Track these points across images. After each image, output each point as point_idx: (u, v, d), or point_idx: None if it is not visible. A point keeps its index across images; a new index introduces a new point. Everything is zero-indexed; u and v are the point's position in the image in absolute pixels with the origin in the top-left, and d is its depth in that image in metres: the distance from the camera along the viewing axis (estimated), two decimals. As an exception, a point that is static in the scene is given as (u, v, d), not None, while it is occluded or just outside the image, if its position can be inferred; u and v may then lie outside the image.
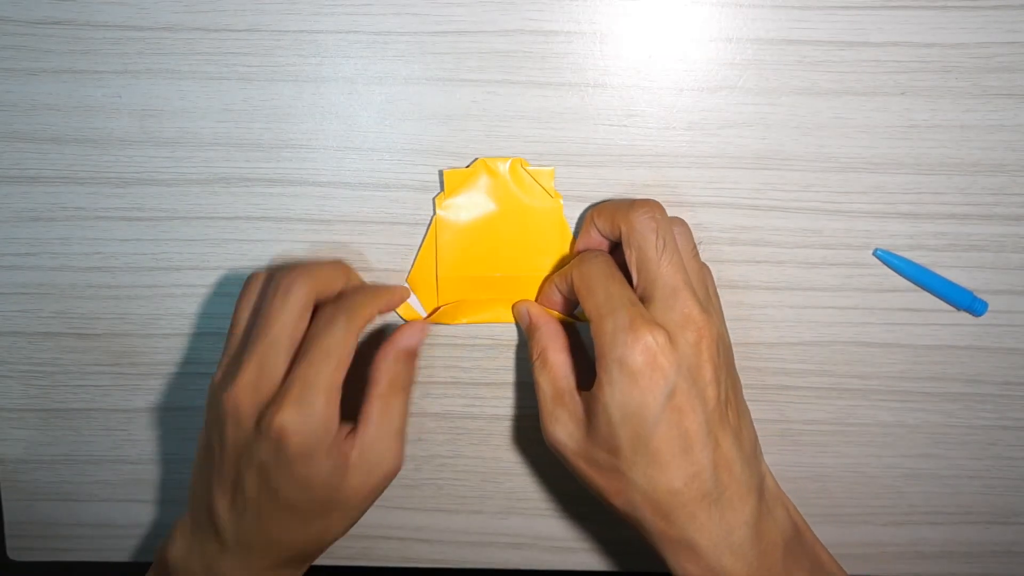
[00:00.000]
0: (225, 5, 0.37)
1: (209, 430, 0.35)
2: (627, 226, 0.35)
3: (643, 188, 0.38)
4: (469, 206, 0.39)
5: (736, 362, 0.40)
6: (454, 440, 0.42)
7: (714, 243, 0.39)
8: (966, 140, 0.38)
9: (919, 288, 0.40)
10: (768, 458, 0.42)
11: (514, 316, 0.39)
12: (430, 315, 0.40)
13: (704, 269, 0.37)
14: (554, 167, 0.38)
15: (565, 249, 0.39)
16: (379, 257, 0.39)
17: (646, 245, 0.34)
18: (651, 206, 0.35)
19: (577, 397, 0.35)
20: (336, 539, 0.36)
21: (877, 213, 0.39)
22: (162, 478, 0.43)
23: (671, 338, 0.32)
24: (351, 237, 0.39)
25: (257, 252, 0.40)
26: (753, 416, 0.42)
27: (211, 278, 0.40)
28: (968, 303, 0.39)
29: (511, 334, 0.41)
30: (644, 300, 0.34)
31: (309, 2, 0.37)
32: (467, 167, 0.38)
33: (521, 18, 0.37)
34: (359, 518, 0.36)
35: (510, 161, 0.38)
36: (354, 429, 0.35)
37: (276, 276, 0.35)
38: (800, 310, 0.40)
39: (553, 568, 0.44)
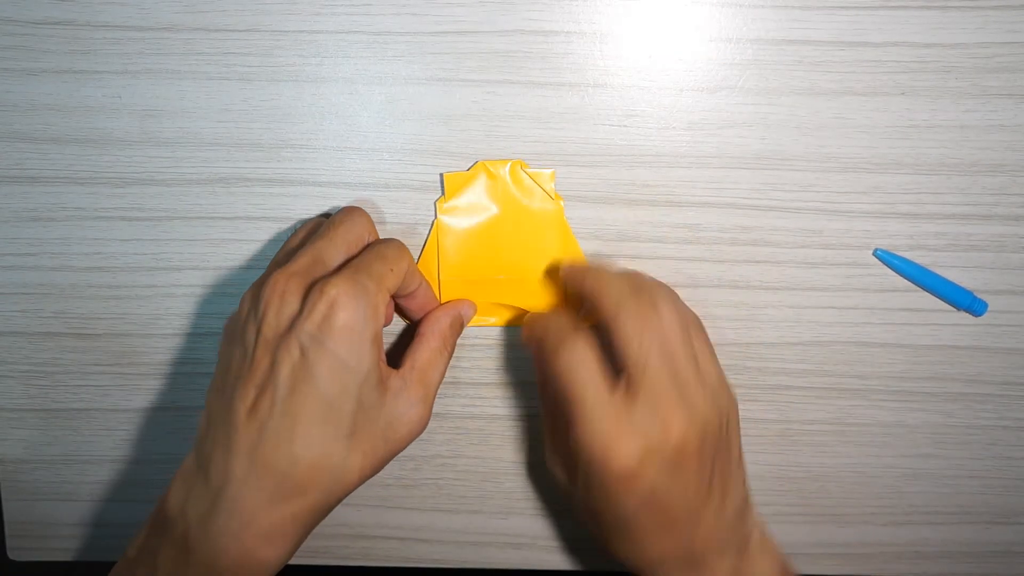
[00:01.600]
0: (225, 5, 0.37)
1: (239, 331, 0.33)
2: (611, 323, 0.33)
3: (643, 188, 0.39)
4: (470, 209, 0.39)
5: (736, 362, 0.41)
6: (454, 440, 0.42)
7: (714, 243, 0.39)
8: (966, 140, 0.38)
9: (919, 288, 0.40)
10: (768, 458, 0.42)
11: (523, 339, 0.38)
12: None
13: (693, 328, 0.34)
14: (554, 170, 0.38)
15: (567, 251, 0.39)
16: (379, 257, 0.39)
17: (630, 348, 0.32)
18: (639, 302, 0.33)
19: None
20: (348, 489, 0.33)
21: (877, 213, 0.39)
22: (162, 478, 0.43)
23: (647, 455, 0.31)
24: (351, 237, 0.39)
25: (257, 252, 0.40)
26: (753, 416, 0.42)
27: (211, 278, 0.40)
28: (968, 303, 0.39)
29: (511, 334, 0.41)
30: (629, 395, 0.32)
31: (309, 2, 0.37)
32: (467, 170, 0.38)
33: (521, 18, 0.37)
34: (376, 472, 0.34)
35: (510, 163, 0.38)
36: (396, 368, 0.35)
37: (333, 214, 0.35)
38: (800, 310, 0.40)
39: (553, 568, 0.44)
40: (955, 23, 0.37)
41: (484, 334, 0.40)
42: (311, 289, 0.32)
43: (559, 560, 0.43)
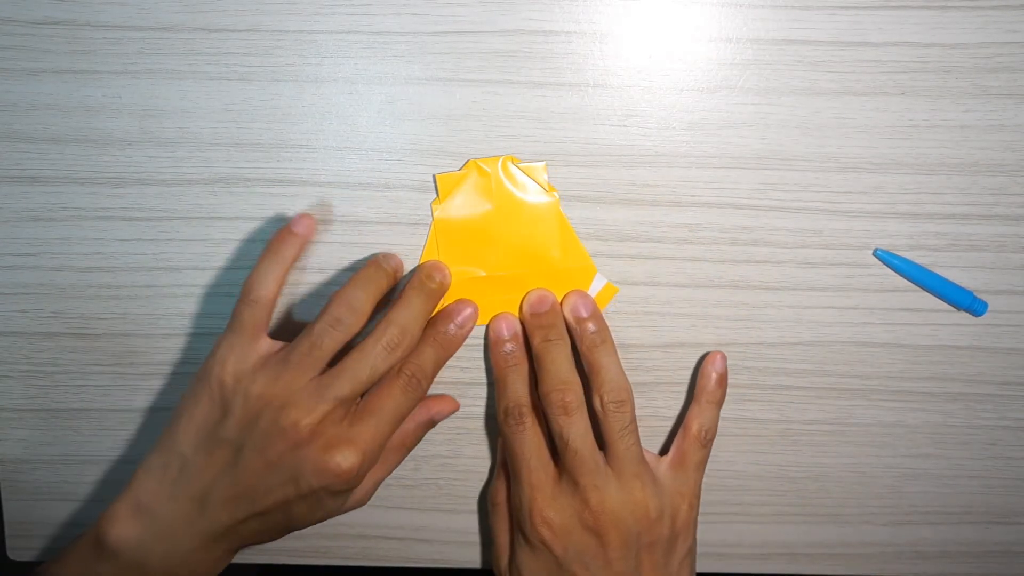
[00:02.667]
0: (225, 5, 0.37)
1: (236, 426, 0.35)
2: (544, 400, 0.38)
3: (643, 188, 0.39)
4: (465, 207, 0.39)
5: (736, 362, 0.41)
6: (454, 440, 0.42)
7: (714, 243, 0.39)
8: (966, 140, 0.38)
9: (919, 288, 0.40)
10: (768, 458, 0.42)
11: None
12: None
13: (622, 410, 0.38)
14: (545, 162, 0.38)
15: (565, 242, 0.39)
16: (379, 257, 0.39)
17: (555, 427, 0.37)
18: (556, 385, 0.37)
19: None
20: (270, 537, 0.37)
21: (877, 213, 0.39)
22: (162, 478, 0.43)
23: (564, 522, 0.37)
24: (351, 237, 0.39)
25: (257, 252, 0.39)
26: (753, 416, 0.42)
27: (211, 278, 0.40)
28: (968, 303, 0.39)
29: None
30: (560, 478, 0.38)
31: (309, 2, 0.37)
32: (459, 169, 0.38)
33: (521, 18, 0.37)
34: (298, 530, 0.37)
35: (501, 159, 0.38)
36: None
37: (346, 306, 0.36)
38: (800, 310, 0.40)
39: None
40: (955, 23, 0.37)
41: (484, 334, 0.40)
42: (335, 449, 0.34)
43: (559, 560, 0.43)
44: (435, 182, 0.38)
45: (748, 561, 0.43)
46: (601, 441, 0.38)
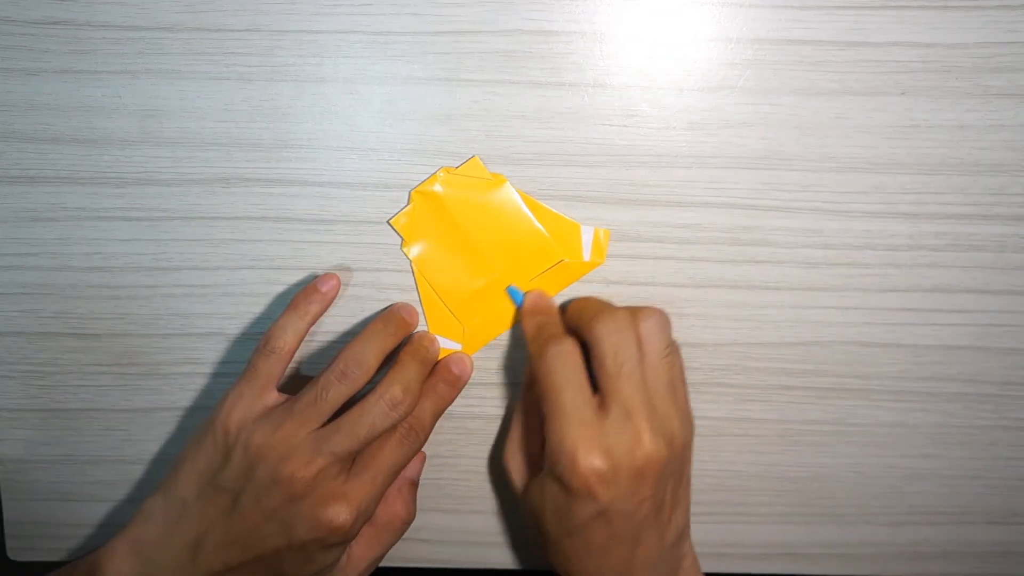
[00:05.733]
0: (225, 5, 0.37)
1: (235, 475, 0.35)
2: (590, 337, 0.34)
3: (643, 188, 0.38)
4: (433, 235, 0.39)
5: (736, 362, 0.41)
6: (454, 440, 0.42)
7: (714, 243, 0.39)
8: (966, 140, 0.38)
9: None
10: (768, 458, 0.42)
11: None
12: (464, 345, 0.40)
13: (672, 367, 0.35)
14: (475, 154, 0.38)
15: (540, 216, 0.39)
16: (378, 257, 0.39)
17: (606, 361, 0.34)
18: (616, 319, 0.34)
19: (539, 453, 0.37)
20: None
21: (877, 213, 0.39)
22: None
23: (613, 467, 0.33)
24: (351, 237, 0.39)
25: (257, 252, 0.40)
26: (753, 416, 0.42)
27: (211, 278, 0.40)
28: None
29: (511, 334, 0.41)
30: (602, 408, 0.33)
31: (309, 2, 0.37)
32: (405, 207, 0.38)
33: (521, 18, 0.37)
34: None
35: (437, 175, 0.38)
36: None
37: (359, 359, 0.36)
38: (800, 310, 0.40)
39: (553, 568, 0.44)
40: (955, 23, 0.37)
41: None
42: (329, 503, 0.34)
43: (559, 560, 0.43)
44: (393, 228, 0.39)
45: (748, 561, 0.43)
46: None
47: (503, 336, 0.40)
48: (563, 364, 0.34)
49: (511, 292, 0.39)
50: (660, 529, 0.35)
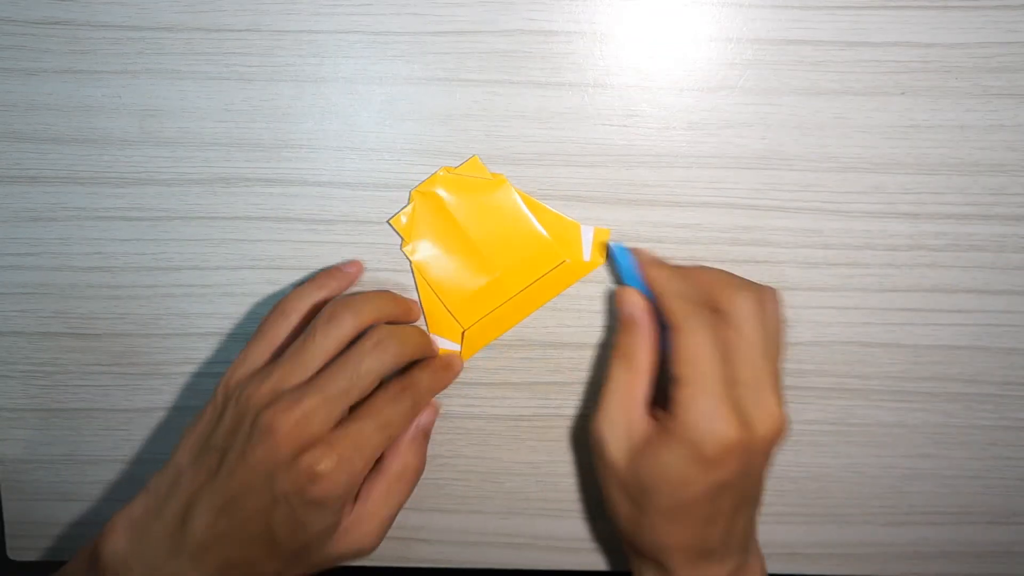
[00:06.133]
0: (225, 5, 0.37)
1: (225, 432, 0.34)
2: (729, 306, 0.33)
3: (643, 188, 0.39)
4: (433, 236, 0.39)
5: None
6: (454, 440, 0.42)
7: (714, 243, 0.39)
8: (966, 140, 0.38)
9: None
10: (768, 458, 0.42)
11: (617, 300, 0.37)
12: (464, 346, 0.40)
13: (782, 337, 0.35)
14: (476, 155, 0.38)
15: (539, 215, 0.39)
16: (379, 257, 0.39)
17: (749, 334, 0.33)
18: (759, 293, 0.34)
19: (643, 418, 0.35)
20: (259, 565, 0.35)
21: (877, 213, 0.39)
22: (162, 478, 0.43)
23: (748, 439, 0.32)
24: (351, 237, 0.39)
25: (257, 252, 0.40)
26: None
27: (211, 278, 0.40)
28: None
29: (510, 334, 0.41)
30: (739, 381, 0.33)
31: (309, 2, 0.37)
32: (405, 207, 0.38)
33: (521, 18, 0.37)
34: (288, 563, 0.35)
35: (438, 175, 0.38)
36: (354, 499, 0.35)
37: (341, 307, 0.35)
38: (800, 310, 0.40)
39: (553, 568, 0.44)
40: (955, 23, 0.37)
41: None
42: (303, 451, 0.32)
43: (559, 560, 0.43)
44: (395, 228, 0.38)
45: (748, 561, 0.43)
46: None
47: (503, 337, 0.40)
48: (711, 335, 0.33)
49: (613, 248, 0.38)
50: (748, 511, 0.35)
